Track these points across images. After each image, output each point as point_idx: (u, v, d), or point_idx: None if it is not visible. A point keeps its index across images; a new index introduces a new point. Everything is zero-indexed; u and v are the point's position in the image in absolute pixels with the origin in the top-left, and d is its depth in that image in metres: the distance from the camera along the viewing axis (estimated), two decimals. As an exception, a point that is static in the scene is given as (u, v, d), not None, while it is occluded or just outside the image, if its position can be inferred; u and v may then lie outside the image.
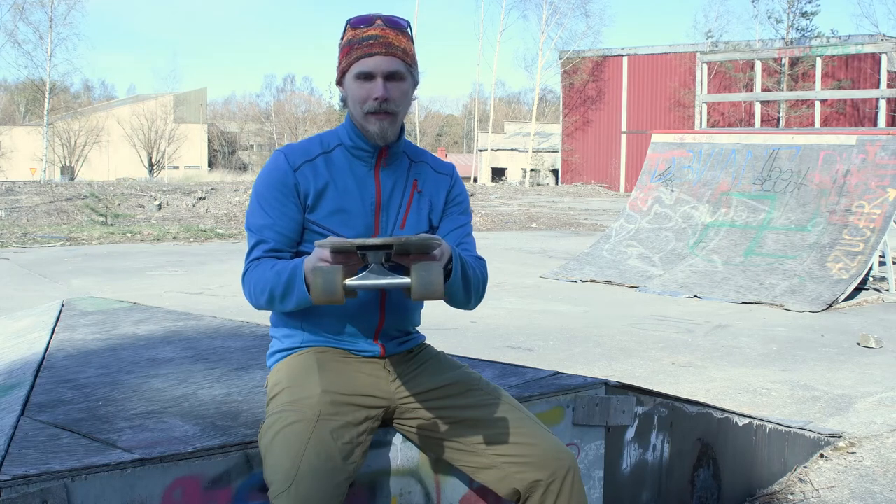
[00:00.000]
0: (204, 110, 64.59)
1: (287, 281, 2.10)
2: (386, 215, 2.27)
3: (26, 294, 9.01)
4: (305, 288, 2.06)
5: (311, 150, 2.26)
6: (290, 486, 1.90)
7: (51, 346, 3.34)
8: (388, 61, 2.17)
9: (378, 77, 2.17)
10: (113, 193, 23.78)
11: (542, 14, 44.80)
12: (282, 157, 2.25)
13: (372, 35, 2.18)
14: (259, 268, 2.18)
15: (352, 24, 2.21)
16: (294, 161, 2.23)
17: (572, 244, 14.75)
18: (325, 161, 2.25)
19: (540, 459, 2.13)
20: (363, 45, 2.17)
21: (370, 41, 2.17)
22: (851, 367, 6.34)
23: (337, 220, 2.22)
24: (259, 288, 2.17)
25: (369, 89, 2.18)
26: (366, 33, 2.18)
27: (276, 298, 2.14)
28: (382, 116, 2.20)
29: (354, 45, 2.19)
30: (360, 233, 2.23)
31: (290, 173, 2.21)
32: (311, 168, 2.23)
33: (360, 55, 2.17)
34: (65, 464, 1.90)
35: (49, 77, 38.50)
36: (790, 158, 10.84)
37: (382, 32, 2.18)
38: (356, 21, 2.21)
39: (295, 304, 2.12)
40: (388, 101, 2.18)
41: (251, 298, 2.21)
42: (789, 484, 3.75)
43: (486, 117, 53.43)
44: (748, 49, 31.61)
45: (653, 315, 8.35)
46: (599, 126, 40.69)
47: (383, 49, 2.17)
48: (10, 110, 61.50)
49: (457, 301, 2.23)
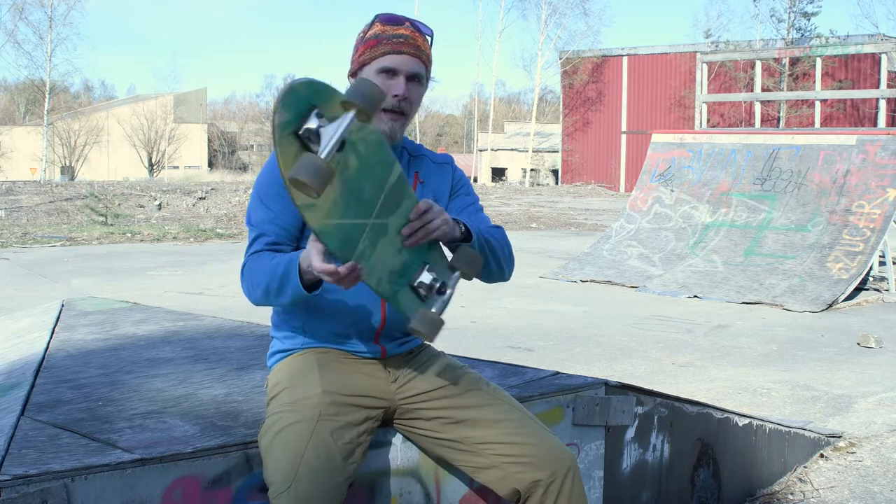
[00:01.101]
0: (204, 110, 64.59)
1: (283, 273, 2.05)
2: None
3: (26, 294, 9.01)
4: (299, 281, 2.02)
5: None
6: (291, 487, 1.91)
7: (51, 346, 3.34)
8: (413, 62, 2.20)
9: (401, 75, 2.20)
10: (113, 193, 23.79)
11: (541, 14, 44.82)
12: None
13: (402, 34, 2.20)
14: (258, 261, 2.16)
15: (382, 20, 2.23)
16: None
17: (572, 244, 14.75)
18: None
19: (540, 459, 2.13)
20: (392, 41, 2.19)
21: (400, 39, 2.20)
22: (851, 367, 6.34)
23: None
24: (255, 280, 2.14)
25: (390, 86, 2.19)
26: (396, 31, 2.21)
27: (272, 292, 2.09)
28: (396, 116, 2.21)
29: (383, 40, 2.20)
30: None
31: None
32: None
33: (388, 51, 2.19)
34: (65, 464, 1.90)
35: (49, 77, 38.50)
36: (790, 158, 10.84)
37: (413, 34, 2.22)
38: (387, 18, 2.23)
39: (290, 296, 2.06)
40: (406, 101, 2.21)
41: (248, 292, 2.18)
42: (789, 484, 3.75)
43: (486, 117, 53.44)
44: (748, 49, 31.62)
45: (653, 315, 8.35)
46: (599, 126, 40.69)
47: (412, 49, 2.20)
48: (10, 110, 61.50)
49: (491, 272, 2.25)
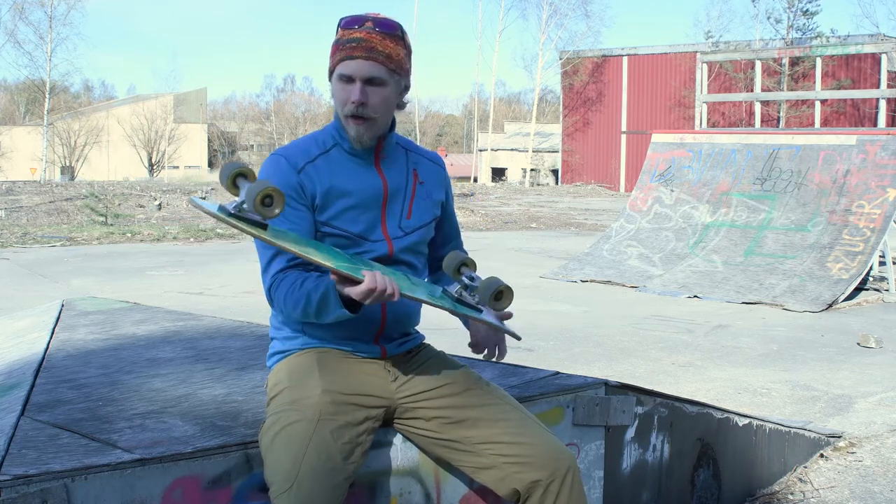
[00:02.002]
0: (204, 110, 64.59)
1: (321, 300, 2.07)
2: (392, 206, 2.27)
3: (26, 294, 9.01)
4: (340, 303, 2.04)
5: (309, 151, 2.24)
6: (291, 486, 1.91)
7: (51, 346, 3.34)
8: (367, 66, 2.16)
9: (357, 81, 2.16)
10: (113, 193, 23.79)
11: (541, 14, 44.82)
12: (282, 160, 2.21)
13: (356, 38, 2.16)
14: (286, 282, 2.14)
15: (342, 24, 2.21)
16: (296, 163, 2.21)
17: (572, 244, 14.74)
18: (325, 161, 2.24)
19: (540, 459, 2.13)
20: (346, 47, 2.17)
21: (353, 44, 2.16)
22: (851, 367, 6.33)
23: (346, 218, 2.22)
24: (290, 304, 2.13)
25: (349, 92, 2.17)
26: (351, 35, 2.17)
27: (311, 315, 2.11)
28: (360, 121, 2.19)
29: (339, 45, 2.19)
30: (366, 227, 2.23)
31: (294, 175, 2.19)
32: (313, 169, 2.21)
33: (343, 57, 2.17)
34: (65, 464, 1.90)
35: (49, 77, 38.48)
36: (790, 158, 10.84)
37: (367, 36, 2.16)
38: (347, 22, 2.20)
39: (335, 318, 2.09)
40: (365, 107, 2.17)
41: (283, 313, 2.20)
42: (789, 484, 3.75)
43: (486, 117, 53.41)
44: (748, 49, 31.59)
45: (653, 315, 8.35)
46: (599, 126, 40.68)
47: (364, 53, 2.15)
48: (10, 110, 61.50)
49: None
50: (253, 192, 1.88)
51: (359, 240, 2.22)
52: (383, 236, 2.25)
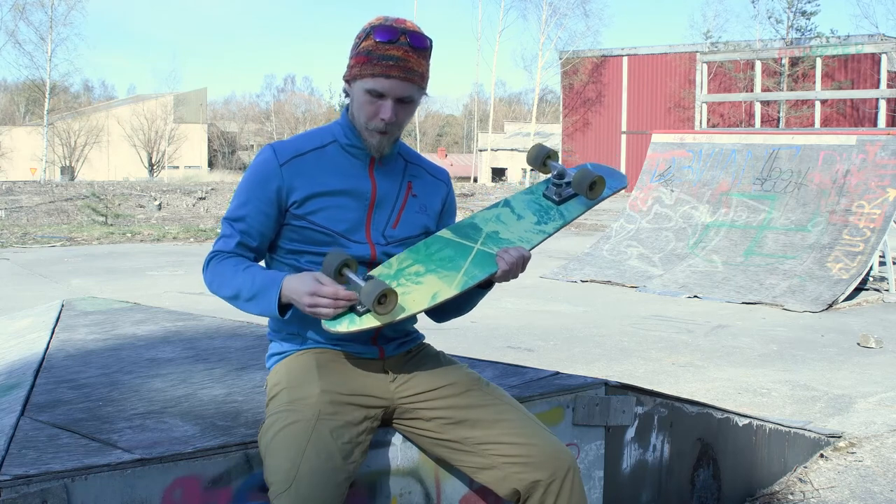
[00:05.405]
0: (204, 110, 64.55)
1: (260, 289, 2.10)
2: (379, 213, 2.27)
3: (26, 294, 9.01)
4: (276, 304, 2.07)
5: (302, 146, 2.25)
6: (291, 486, 1.90)
7: (51, 346, 3.34)
8: (403, 87, 2.14)
9: (389, 99, 2.15)
10: (113, 193, 23.79)
11: (541, 14, 44.84)
12: (271, 151, 2.23)
13: (393, 56, 2.12)
14: (226, 262, 2.19)
15: (377, 34, 2.13)
16: (282, 156, 2.22)
17: (572, 244, 14.74)
18: (316, 156, 2.24)
19: (540, 459, 2.13)
20: (382, 63, 2.12)
21: (390, 62, 2.12)
22: (851, 367, 6.33)
23: (328, 216, 2.21)
24: (222, 282, 2.18)
25: (378, 107, 2.16)
26: (388, 51, 2.12)
27: (241, 299, 2.15)
28: (384, 135, 2.20)
29: (374, 59, 2.13)
30: (349, 227, 2.23)
31: (276, 169, 2.20)
32: (299, 163, 2.22)
33: (377, 73, 2.13)
34: (65, 464, 1.90)
35: (49, 77, 38.45)
36: (790, 158, 10.85)
37: (405, 55, 2.13)
38: (381, 33, 2.13)
39: (258, 311, 2.13)
40: (394, 124, 2.18)
41: (211, 287, 2.23)
42: (789, 484, 3.75)
43: (486, 117, 53.44)
44: (748, 49, 31.60)
45: (653, 315, 8.35)
46: (599, 126, 40.67)
47: (402, 74, 2.13)
48: (10, 110, 61.47)
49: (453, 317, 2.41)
50: (370, 296, 1.99)
51: (340, 238, 2.22)
52: (366, 240, 2.25)
